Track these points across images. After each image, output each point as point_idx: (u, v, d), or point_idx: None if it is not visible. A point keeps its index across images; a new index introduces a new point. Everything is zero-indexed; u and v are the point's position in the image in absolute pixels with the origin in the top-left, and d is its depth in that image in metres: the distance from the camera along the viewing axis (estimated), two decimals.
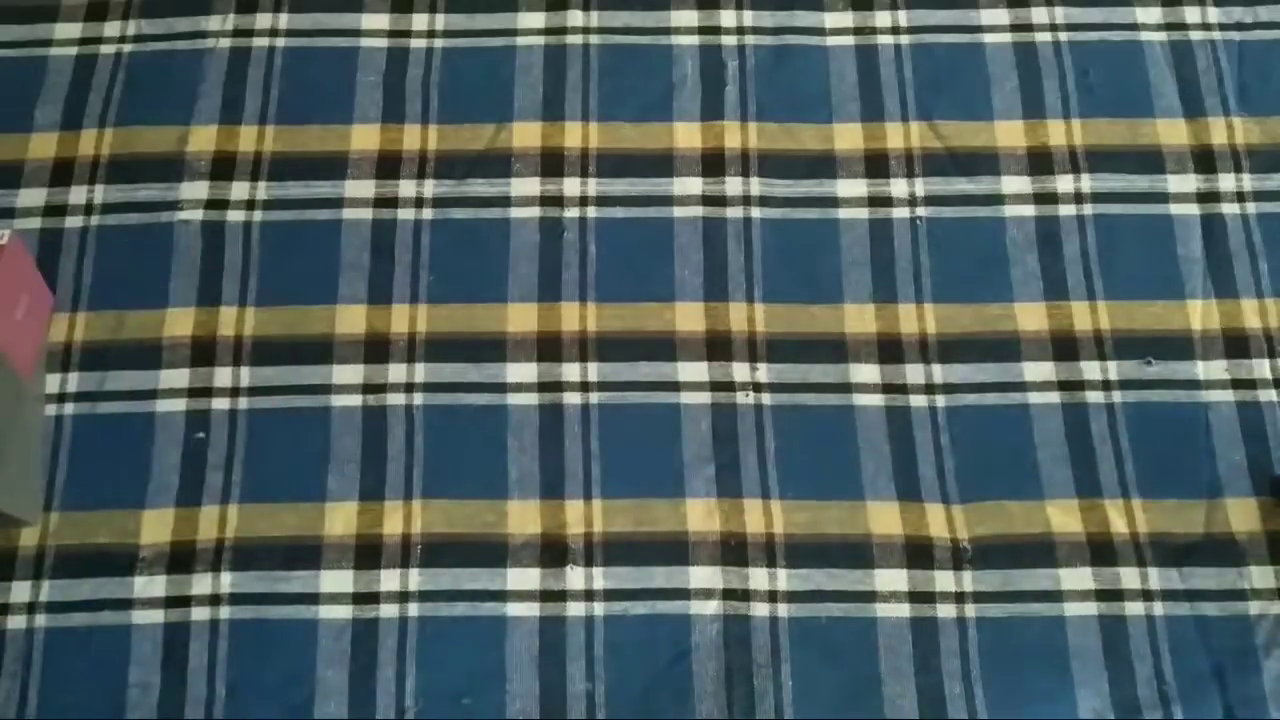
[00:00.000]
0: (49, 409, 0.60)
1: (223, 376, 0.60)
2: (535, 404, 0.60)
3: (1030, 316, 0.62)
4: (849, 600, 0.57)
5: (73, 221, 0.64)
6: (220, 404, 0.60)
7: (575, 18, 0.68)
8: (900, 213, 0.64)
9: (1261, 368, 0.61)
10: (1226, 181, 0.64)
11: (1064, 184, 0.64)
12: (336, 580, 0.57)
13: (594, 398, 0.60)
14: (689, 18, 0.69)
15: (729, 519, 0.58)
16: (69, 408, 0.60)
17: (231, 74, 0.67)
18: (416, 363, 0.61)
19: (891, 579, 0.57)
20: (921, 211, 0.64)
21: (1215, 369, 0.61)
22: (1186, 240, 0.63)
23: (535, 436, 0.59)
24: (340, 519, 0.58)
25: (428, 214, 0.64)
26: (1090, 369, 0.61)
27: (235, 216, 0.64)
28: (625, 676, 0.56)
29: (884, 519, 0.58)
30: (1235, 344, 0.61)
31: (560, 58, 0.68)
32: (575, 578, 0.57)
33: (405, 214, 0.64)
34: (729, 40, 0.68)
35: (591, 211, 0.64)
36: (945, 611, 0.57)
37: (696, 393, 0.59)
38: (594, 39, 0.68)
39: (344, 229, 0.63)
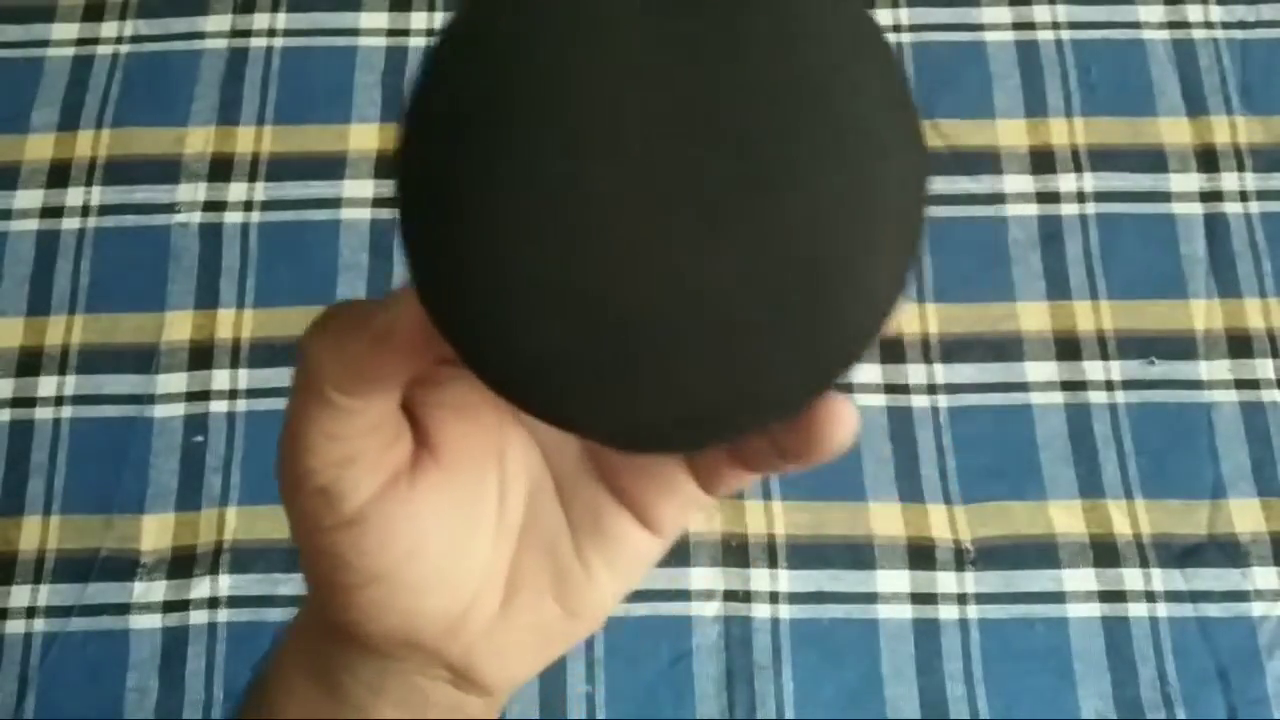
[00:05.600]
0: (46, 411, 0.60)
1: (220, 379, 0.60)
2: None
3: (1033, 316, 0.61)
4: (851, 601, 0.57)
5: (69, 224, 0.63)
6: (218, 406, 0.60)
7: None
8: None
9: (1265, 368, 0.60)
10: (1230, 180, 0.64)
11: (1066, 183, 0.64)
12: None
13: None
14: None
15: (730, 520, 0.58)
16: (66, 411, 0.59)
17: (229, 74, 0.66)
18: None
19: (893, 580, 0.57)
20: None
21: (1218, 369, 0.60)
22: (1190, 239, 0.63)
23: None
24: None
25: None
26: (1093, 369, 0.60)
27: (233, 218, 0.63)
28: (626, 678, 0.55)
29: (886, 520, 0.58)
30: (1239, 344, 0.61)
31: None
32: None
33: None
34: None
35: None
36: (947, 613, 0.56)
37: None
38: None
39: (342, 229, 0.63)
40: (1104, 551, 0.57)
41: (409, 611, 0.23)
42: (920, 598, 0.56)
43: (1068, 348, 0.61)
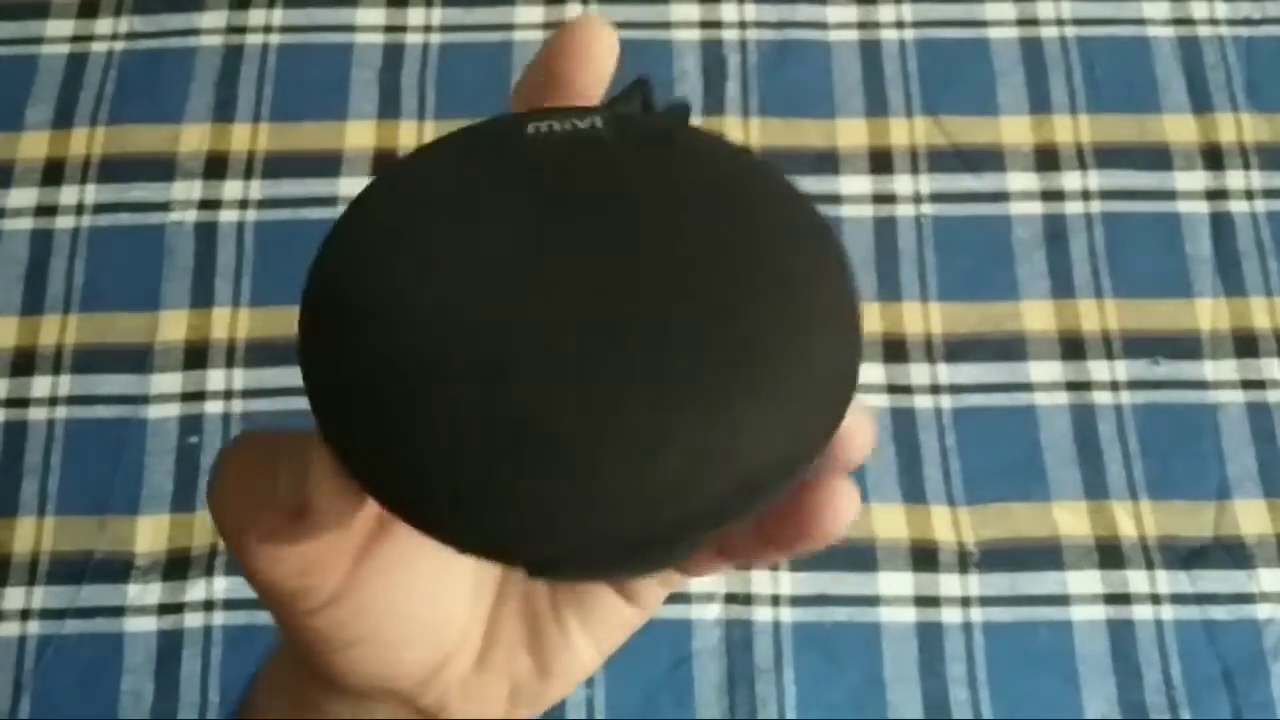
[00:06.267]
0: (39, 412, 0.59)
1: (216, 380, 0.60)
2: None
3: (1037, 315, 0.61)
4: (853, 604, 0.56)
5: (64, 222, 0.63)
6: (213, 407, 0.59)
7: (574, 11, 0.68)
8: (905, 210, 0.63)
9: (1271, 368, 0.60)
10: (1235, 179, 0.64)
11: (1071, 181, 0.64)
12: None
13: None
14: (690, 12, 0.68)
15: None
16: (60, 411, 0.59)
17: (224, 71, 0.66)
18: None
19: (896, 583, 0.56)
20: (926, 209, 0.63)
21: (1224, 369, 0.60)
22: (1195, 238, 0.62)
23: None
24: None
25: None
26: (1098, 369, 0.60)
27: (228, 216, 0.63)
28: (626, 681, 0.55)
29: (888, 522, 0.57)
30: (1244, 343, 0.60)
31: None
32: None
33: None
34: (730, 35, 0.67)
35: None
36: (951, 616, 0.56)
37: None
38: None
39: None
40: (1109, 554, 0.57)
41: (389, 663, 0.24)
42: (923, 600, 0.56)
43: (1072, 348, 0.60)
